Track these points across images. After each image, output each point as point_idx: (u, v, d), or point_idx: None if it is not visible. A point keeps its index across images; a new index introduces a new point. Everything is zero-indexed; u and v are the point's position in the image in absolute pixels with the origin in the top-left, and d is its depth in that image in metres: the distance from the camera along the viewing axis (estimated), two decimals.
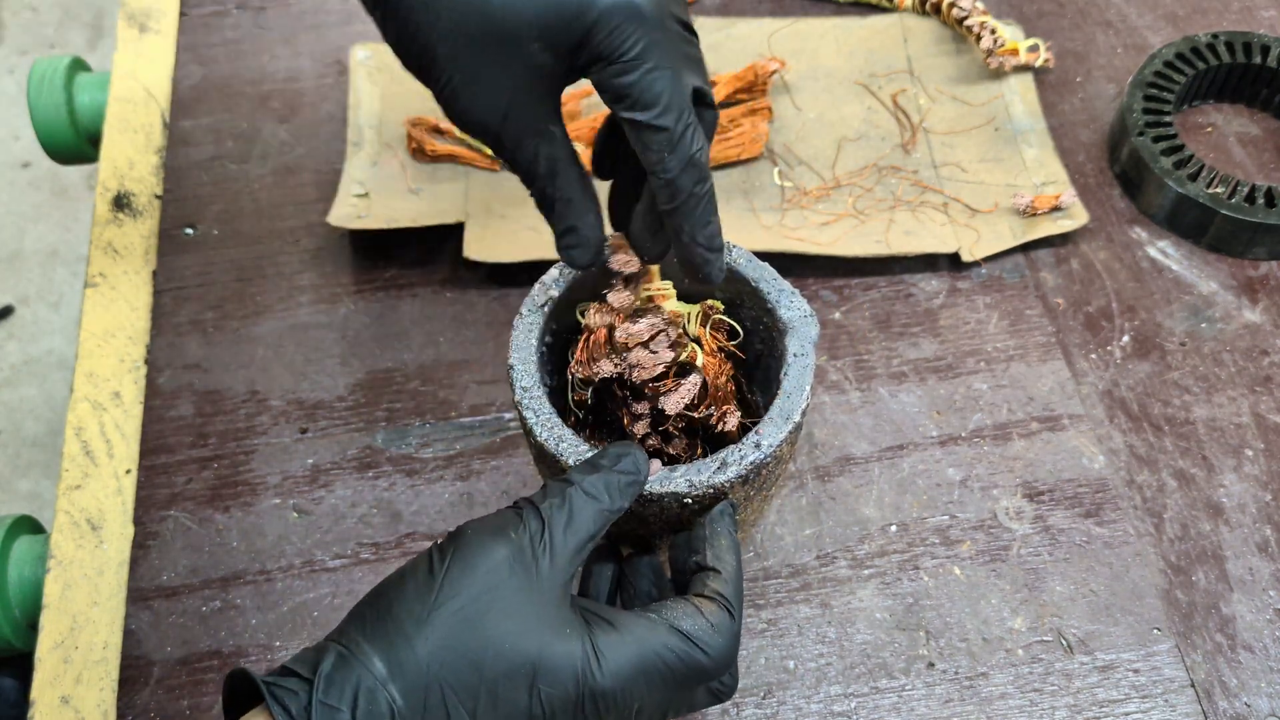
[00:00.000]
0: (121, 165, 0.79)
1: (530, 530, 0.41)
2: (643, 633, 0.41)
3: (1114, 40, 0.83)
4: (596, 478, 0.44)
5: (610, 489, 0.43)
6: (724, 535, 0.46)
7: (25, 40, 1.88)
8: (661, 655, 0.41)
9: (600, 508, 0.43)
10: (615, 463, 0.44)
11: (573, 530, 0.42)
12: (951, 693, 0.58)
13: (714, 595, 0.44)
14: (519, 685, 0.39)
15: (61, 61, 0.86)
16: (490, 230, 0.72)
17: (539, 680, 0.39)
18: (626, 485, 0.44)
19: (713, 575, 0.45)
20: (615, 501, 0.43)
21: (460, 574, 0.40)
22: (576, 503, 0.42)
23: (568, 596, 0.41)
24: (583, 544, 0.42)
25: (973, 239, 0.72)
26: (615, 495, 0.43)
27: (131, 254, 0.75)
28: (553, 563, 0.41)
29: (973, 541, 0.62)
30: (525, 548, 0.41)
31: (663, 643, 0.41)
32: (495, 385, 0.68)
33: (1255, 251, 0.72)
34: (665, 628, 0.42)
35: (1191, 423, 0.66)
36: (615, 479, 0.44)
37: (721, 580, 0.44)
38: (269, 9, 0.87)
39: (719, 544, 0.46)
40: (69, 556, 0.63)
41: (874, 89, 0.80)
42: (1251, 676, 0.58)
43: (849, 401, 0.67)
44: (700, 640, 0.42)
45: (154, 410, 0.68)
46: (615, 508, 0.43)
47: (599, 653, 0.40)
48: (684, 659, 0.42)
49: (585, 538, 0.42)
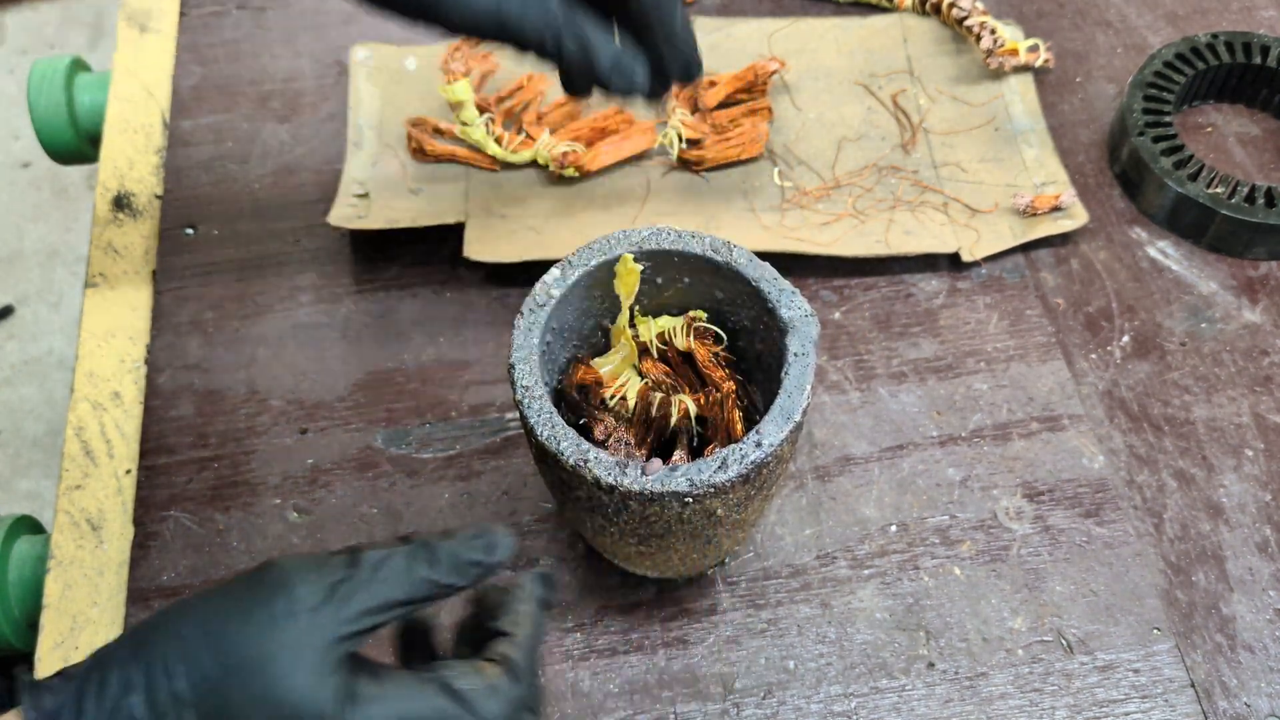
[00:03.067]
0: (121, 165, 0.79)
1: (333, 575, 0.40)
2: (410, 689, 0.40)
3: (1114, 40, 0.83)
4: (447, 544, 0.42)
5: (455, 558, 0.41)
6: (525, 600, 0.45)
7: (25, 40, 1.88)
8: (424, 714, 0.40)
9: (425, 576, 0.41)
10: (467, 540, 0.42)
11: (384, 586, 0.40)
12: (951, 693, 0.58)
13: (499, 658, 0.42)
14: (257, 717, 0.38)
15: (62, 61, 0.86)
16: (490, 230, 0.72)
17: (279, 714, 0.38)
18: (468, 564, 0.42)
19: (504, 640, 0.43)
20: (448, 576, 0.41)
21: (243, 606, 0.40)
22: (399, 564, 0.41)
23: (343, 648, 0.40)
24: (388, 605, 0.40)
25: (973, 239, 0.72)
26: (450, 571, 0.41)
27: (131, 254, 0.75)
28: (339, 610, 0.39)
29: (973, 541, 0.62)
30: (318, 593, 0.40)
31: (429, 702, 0.40)
32: (495, 385, 0.68)
33: (1255, 251, 0.72)
34: (436, 686, 0.40)
35: (1191, 423, 0.66)
36: (460, 554, 0.42)
37: (511, 644, 0.43)
38: (269, 9, 0.87)
39: (518, 609, 0.44)
40: (69, 556, 0.63)
41: (874, 89, 0.80)
42: (1251, 676, 0.58)
43: (849, 401, 0.67)
44: (472, 702, 0.40)
45: (154, 410, 0.68)
46: (446, 582, 0.41)
47: (354, 699, 0.39)
48: (450, 718, 0.40)
49: (393, 600, 0.40)
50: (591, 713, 0.57)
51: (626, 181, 0.75)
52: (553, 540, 0.63)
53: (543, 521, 0.63)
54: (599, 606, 0.61)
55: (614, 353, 0.57)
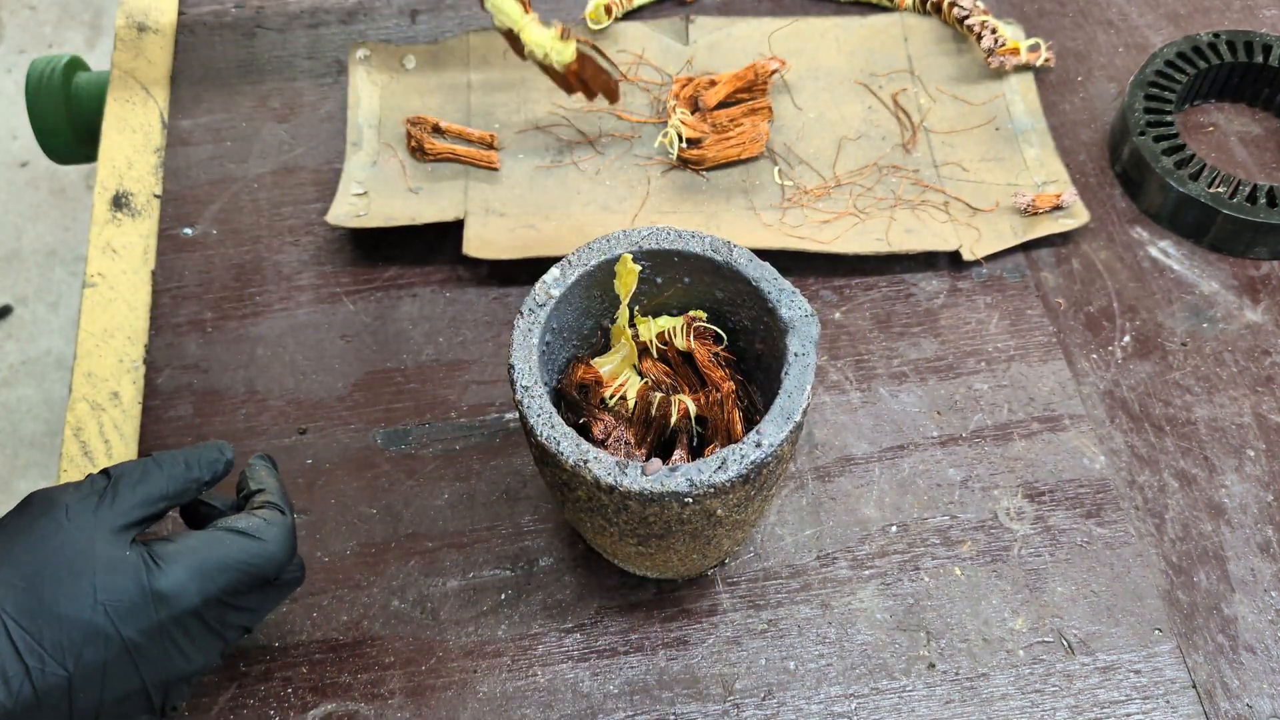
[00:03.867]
0: (120, 165, 0.78)
1: (95, 487, 0.48)
2: (200, 539, 0.48)
3: (1115, 39, 0.83)
4: (179, 453, 0.51)
5: (191, 461, 0.50)
6: (261, 467, 0.54)
7: (23, 39, 1.88)
8: (220, 553, 0.48)
9: (176, 473, 0.50)
10: (201, 447, 0.52)
11: (142, 486, 0.48)
12: (952, 693, 0.58)
13: (263, 504, 0.51)
14: (81, 603, 0.45)
15: (60, 60, 0.85)
16: (490, 228, 0.72)
17: (99, 594, 0.45)
18: (209, 462, 0.51)
19: (258, 494, 0.52)
20: (194, 471, 0.50)
21: (22, 522, 0.47)
22: (149, 467, 0.49)
23: (128, 534, 0.47)
24: (152, 498, 0.48)
25: (973, 238, 0.72)
26: (195, 466, 0.50)
27: (130, 253, 0.74)
28: (113, 506, 0.47)
29: (973, 542, 0.62)
30: (87, 498, 0.47)
31: (219, 541, 0.48)
32: (495, 385, 0.68)
33: (1257, 251, 0.72)
34: (223, 531, 0.49)
35: (1193, 423, 0.66)
36: (198, 455, 0.51)
37: (266, 494, 0.52)
38: (268, 9, 0.87)
39: (258, 473, 0.54)
40: None
41: (874, 88, 0.80)
42: (1253, 677, 0.58)
43: (849, 401, 0.67)
44: (256, 532, 0.49)
45: (153, 410, 0.68)
46: (194, 475, 0.50)
47: (156, 560, 0.47)
48: (245, 549, 0.49)
49: (157, 494, 0.49)
50: (591, 713, 0.57)
51: (626, 180, 0.75)
52: (553, 540, 0.62)
53: (543, 521, 0.63)
54: (599, 606, 0.60)
55: (614, 352, 0.56)
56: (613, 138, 0.77)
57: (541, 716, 0.57)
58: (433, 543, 0.63)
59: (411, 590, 0.61)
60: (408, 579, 0.61)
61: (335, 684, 0.58)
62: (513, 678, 0.58)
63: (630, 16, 0.84)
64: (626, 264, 0.54)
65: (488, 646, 0.59)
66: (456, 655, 0.59)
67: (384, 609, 0.61)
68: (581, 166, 0.76)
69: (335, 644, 0.59)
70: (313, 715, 0.57)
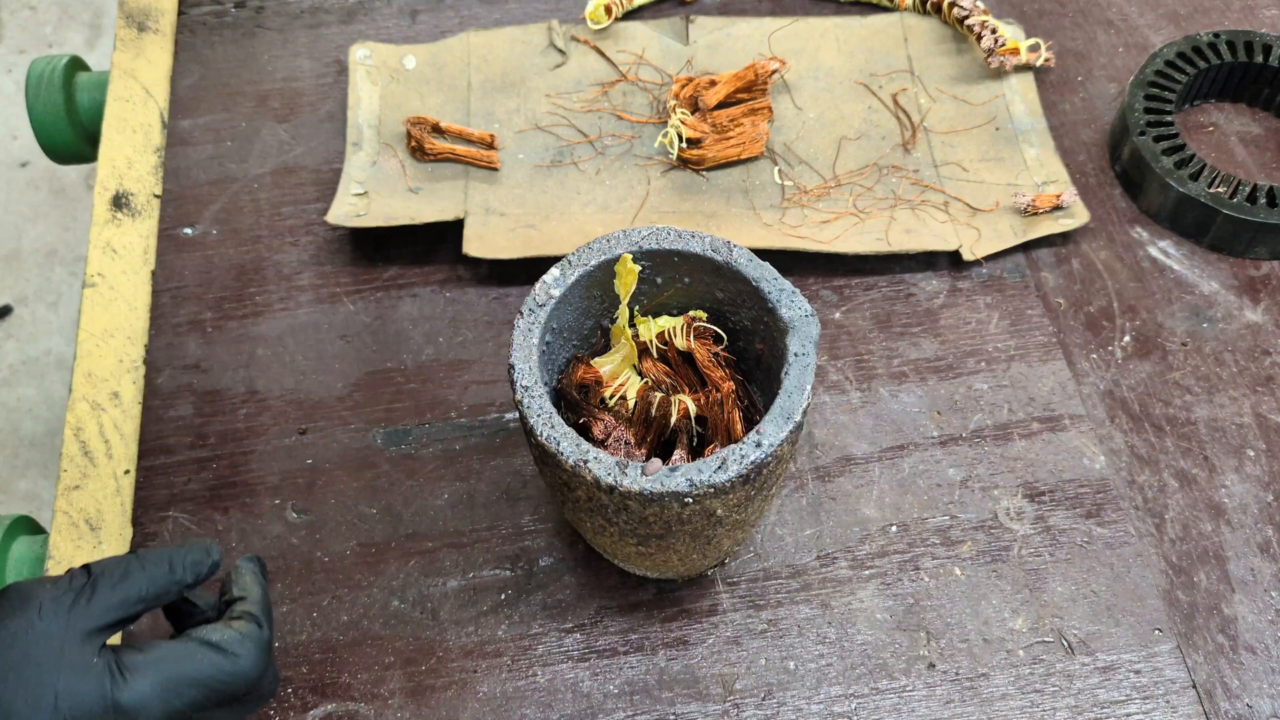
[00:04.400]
0: (120, 165, 0.78)
1: (74, 584, 0.46)
2: (170, 650, 0.46)
3: (1115, 39, 0.83)
4: (164, 552, 0.49)
5: (175, 562, 0.48)
6: (247, 572, 0.52)
7: (23, 39, 1.88)
8: (189, 668, 0.46)
9: (158, 575, 0.48)
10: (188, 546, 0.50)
11: (122, 587, 0.46)
12: (952, 693, 0.58)
13: (242, 615, 0.49)
14: (41, 710, 0.43)
15: (60, 60, 0.85)
16: (490, 227, 0.72)
17: (60, 702, 0.43)
18: (193, 563, 0.49)
19: (239, 601, 0.50)
20: (177, 573, 0.48)
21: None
22: (131, 566, 0.47)
23: (99, 639, 0.45)
24: (130, 600, 0.46)
25: (973, 237, 0.72)
26: (179, 568, 0.48)
27: (130, 253, 0.74)
28: (89, 607, 0.45)
29: (973, 542, 0.62)
30: (63, 596, 0.45)
31: (189, 655, 0.46)
32: (495, 385, 0.68)
33: (1256, 251, 0.72)
34: (195, 643, 0.47)
35: (1193, 423, 0.66)
36: (184, 555, 0.49)
37: (247, 603, 0.50)
38: (268, 9, 0.87)
39: (244, 579, 0.52)
40: (67, 557, 0.62)
41: (874, 88, 0.80)
42: (1253, 677, 0.58)
43: (849, 401, 0.67)
44: (230, 646, 0.47)
45: (153, 410, 0.68)
46: (177, 578, 0.48)
47: (123, 670, 0.45)
48: (215, 665, 0.47)
49: (135, 596, 0.47)
50: (591, 713, 0.57)
51: (626, 180, 0.75)
52: (553, 540, 0.62)
53: (543, 521, 0.63)
54: (599, 606, 0.60)
55: (614, 352, 0.56)
56: (613, 137, 0.77)
57: (541, 716, 0.57)
58: (433, 543, 0.63)
59: (411, 590, 0.61)
60: (408, 579, 0.61)
61: (335, 684, 0.58)
62: (513, 678, 0.58)
63: (630, 16, 0.84)
64: (626, 264, 0.54)
65: (488, 646, 0.59)
66: (456, 655, 0.59)
67: (384, 609, 0.61)
68: (581, 166, 0.76)
69: (335, 644, 0.59)
70: (313, 715, 0.57)
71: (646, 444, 0.55)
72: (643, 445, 0.55)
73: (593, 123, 0.78)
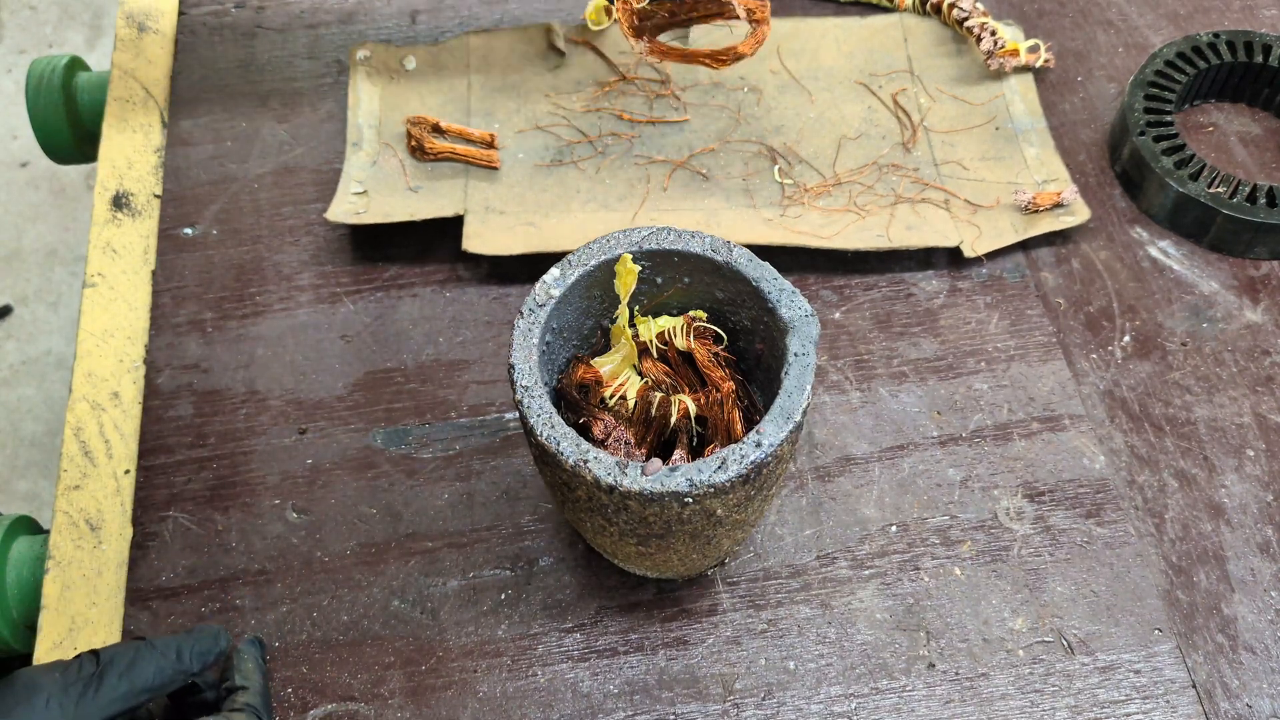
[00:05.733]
0: (120, 165, 0.78)
1: (82, 673, 0.47)
2: None
3: (1115, 39, 0.83)
4: (173, 640, 0.50)
5: (184, 651, 0.50)
6: (250, 658, 0.54)
7: (23, 39, 1.88)
8: None
9: (166, 665, 0.49)
10: (197, 633, 0.51)
11: (129, 676, 0.48)
12: (952, 693, 0.58)
13: (242, 706, 0.51)
14: None
15: (60, 60, 0.85)
16: (489, 224, 0.72)
17: None
18: (201, 653, 0.50)
19: (241, 691, 0.52)
20: (184, 662, 0.50)
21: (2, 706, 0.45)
22: (141, 654, 0.49)
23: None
24: (136, 690, 0.47)
25: (974, 234, 0.72)
26: (187, 657, 0.50)
27: (130, 253, 0.74)
28: (95, 699, 0.46)
29: (973, 542, 0.62)
30: (71, 686, 0.46)
31: None
32: (495, 385, 0.68)
33: (1256, 251, 0.72)
34: None
35: (1192, 423, 0.66)
36: (192, 644, 0.50)
37: (249, 694, 0.52)
38: (268, 8, 0.87)
39: (245, 665, 0.53)
40: (67, 557, 0.62)
41: (874, 88, 0.80)
42: (1253, 677, 0.58)
43: (849, 401, 0.67)
44: None
45: (153, 410, 0.68)
46: (184, 667, 0.50)
47: None
48: None
49: (142, 686, 0.48)
50: (591, 713, 0.57)
51: (626, 180, 0.75)
52: (553, 540, 0.62)
53: (543, 521, 0.63)
54: (599, 606, 0.60)
55: (614, 352, 0.56)
56: (613, 137, 0.77)
57: (541, 716, 0.57)
58: (433, 543, 0.63)
59: (411, 590, 0.61)
60: (408, 579, 0.61)
61: (335, 684, 0.58)
62: (513, 678, 0.58)
63: None
64: (626, 264, 0.54)
65: (488, 646, 0.59)
66: (456, 655, 0.59)
67: (384, 609, 0.61)
68: (581, 166, 0.76)
69: (335, 644, 0.59)
70: (313, 715, 0.57)
71: (646, 444, 0.55)
72: (643, 445, 0.55)
73: (593, 123, 0.78)
